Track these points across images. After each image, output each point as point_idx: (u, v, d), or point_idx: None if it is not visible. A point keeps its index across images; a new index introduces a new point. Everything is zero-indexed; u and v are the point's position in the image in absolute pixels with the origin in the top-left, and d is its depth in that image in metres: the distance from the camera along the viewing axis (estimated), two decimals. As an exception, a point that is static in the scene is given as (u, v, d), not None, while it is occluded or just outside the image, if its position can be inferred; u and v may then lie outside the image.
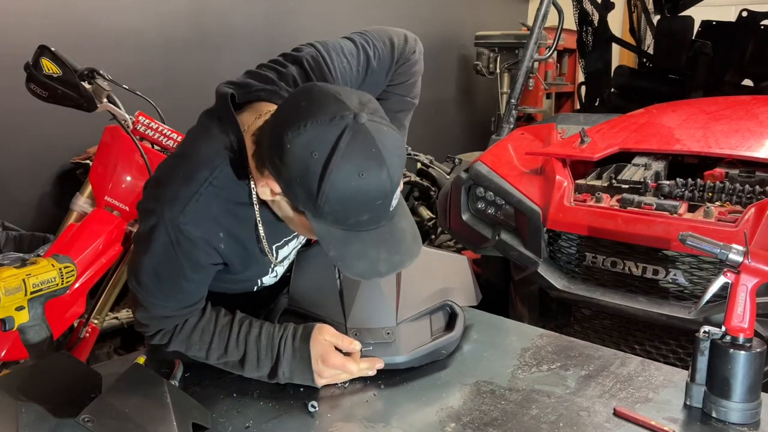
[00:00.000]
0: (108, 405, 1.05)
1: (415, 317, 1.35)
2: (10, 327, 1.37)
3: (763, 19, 3.90)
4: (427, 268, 1.43)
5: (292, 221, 1.19)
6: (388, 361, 1.30)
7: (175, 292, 1.23)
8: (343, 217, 1.07)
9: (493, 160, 2.61)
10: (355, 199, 1.04)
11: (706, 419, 1.15)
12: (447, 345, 1.37)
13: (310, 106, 1.05)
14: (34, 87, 2.20)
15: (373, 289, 1.32)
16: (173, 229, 1.15)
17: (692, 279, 2.07)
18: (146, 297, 1.24)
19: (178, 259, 1.18)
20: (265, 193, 1.14)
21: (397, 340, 1.31)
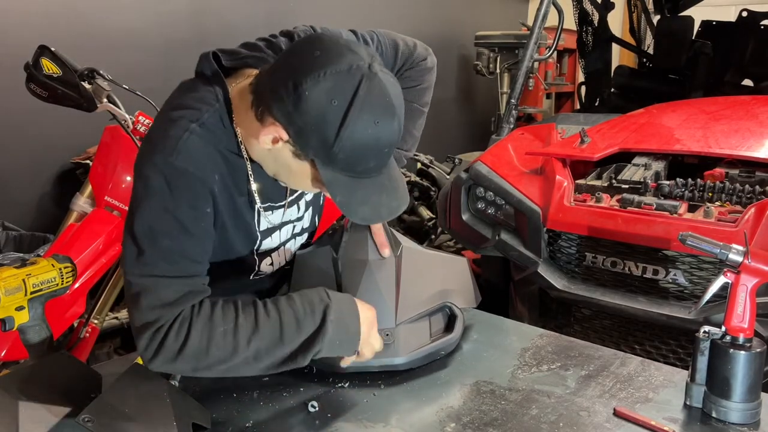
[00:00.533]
0: (108, 405, 1.05)
1: (415, 318, 1.34)
2: (10, 327, 1.37)
3: (763, 19, 3.90)
4: (426, 270, 1.43)
5: (288, 171, 1.19)
6: (388, 363, 1.29)
7: (175, 254, 1.14)
8: (353, 164, 1.10)
9: (493, 160, 2.61)
10: (368, 147, 1.08)
11: (706, 419, 1.15)
12: (446, 346, 1.37)
13: (327, 54, 1.07)
14: (34, 87, 2.20)
15: (373, 291, 1.31)
16: (167, 168, 1.13)
17: (692, 279, 2.07)
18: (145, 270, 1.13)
19: (175, 203, 1.13)
20: (266, 141, 1.13)
21: (396, 341, 1.30)
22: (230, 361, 1.12)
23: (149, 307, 1.12)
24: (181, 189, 1.13)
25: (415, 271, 1.38)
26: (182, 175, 1.13)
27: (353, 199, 1.13)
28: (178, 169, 1.13)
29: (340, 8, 4.66)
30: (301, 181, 1.20)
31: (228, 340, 1.12)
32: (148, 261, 1.13)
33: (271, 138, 1.12)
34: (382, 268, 1.34)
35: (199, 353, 1.11)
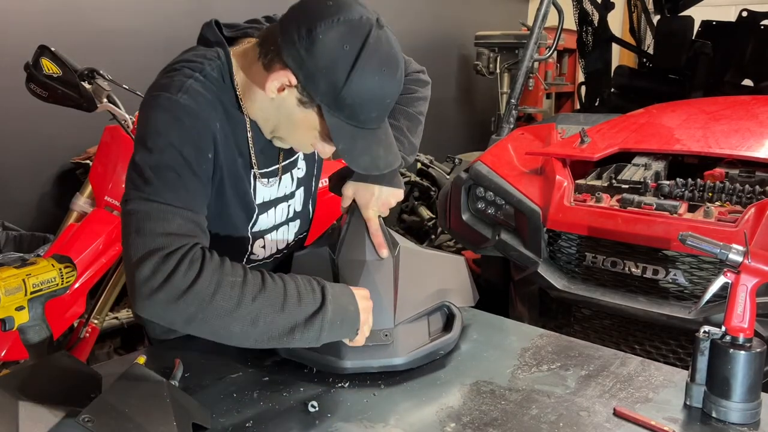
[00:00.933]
0: (108, 405, 1.05)
1: (413, 318, 1.34)
2: (10, 327, 1.37)
3: (763, 19, 3.91)
4: (425, 269, 1.43)
5: (290, 123, 1.21)
6: (387, 363, 1.29)
7: (180, 188, 1.13)
8: (358, 112, 1.14)
9: (493, 160, 2.61)
10: (374, 95, 1.14)
11: (706, 419, 1.15)
12: (445, 346, 1.36)
13: (338, 4, 1.12)
14: (34, 87, 2.21)
15: (371, 291, 1.30)
16: (173, 106, 1.15)
17: (692, 279, 2.07)
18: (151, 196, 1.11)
19: (180, 140, 1.14)
20: (273, 88, 1.16)
21: (395, 342, 1.29)
22: (230, 316, 1.08)
23: (155, 233, 1.09)
24: (187, 128, 1.15)
25: (412, 271, 1.38)
26: (188, 114, 1.15)
27: (355, 147, 1.17)
28: (184, 107, 1.15)
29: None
30: (302, 133, 1.23)
31: (235, 292, 1.09)
32: (153, 190, 1.12)
33: (278, 84, 1.15)
34: (379, 269, 1.34)
35: (204, 298, 1.07)
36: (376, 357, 1.28)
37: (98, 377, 1.19)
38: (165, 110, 1.15)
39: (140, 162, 1.15)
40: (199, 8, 3.71)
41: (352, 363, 1.27)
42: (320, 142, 1.23)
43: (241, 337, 1.12)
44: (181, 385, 1.25)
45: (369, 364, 1.28)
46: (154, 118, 1.16)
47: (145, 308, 1.08)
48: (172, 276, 1.06)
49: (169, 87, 1.17)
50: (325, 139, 1.22)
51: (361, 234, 1.36)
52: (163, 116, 1.15)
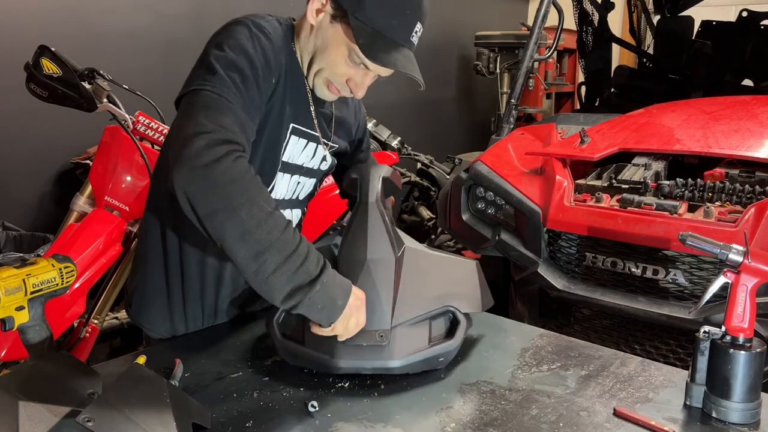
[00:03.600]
0: (108, 405, 1.05)
1: (414, 321, 1.31)
2: (10, 327, 1.37)
3: (763, 19, 3.91)
4: (429, 272, 1.40)
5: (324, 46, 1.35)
6: (381, 366, 1.27)
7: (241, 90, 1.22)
8: (378, 13, 1.27)
9: (493, 160, 2.61)
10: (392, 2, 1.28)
11: (706, 419, 1.15)
12: (445, 353, 1.33)
13: None
14: (34, 87, 2.20)
15: (369, 291, 1.28)
16: (255, 26, 1.30)
17: (692, 279, 2.07)
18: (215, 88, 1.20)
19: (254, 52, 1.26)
20: (312, 13, 1.33)
21: (391, 344, 1.27)
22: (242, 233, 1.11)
23: (211, 120, 1.16)
24: (263, 45, 1.29)
25: (416, 273, 1.36)
26: (266, 36, 1.30)
27: (374, 45, 1.29)
28: (263, 29, 1.30)
29: (340, 8, 4.66)
30: (334, 51, 1.34)
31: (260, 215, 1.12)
32: (217, 83, 1.21)
33: (316, 4, 1.32)
34: (380, 268, 1.32)
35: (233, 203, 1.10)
36: (370, 358, 1.26)
37: (98, 377, 1.19)
38: (246, 26, 1.29)
39: (211, 59, 1.25)
40: (199, 8, 3.71)
41: (346, 363, 1.26)
42: (349, 62, 1.34)
43: (235, 254, 1.13)
44: (181, 385, 1.25)
45: (362, 365, 1.27)
46: (235, 30, 1.28)
47: (182, 178, 1.11)
48: (217, 163, 1.11)
49: (249, 16, 1.32)
50: (353, 58, 1.34)
51: (363, 232, 1.35)
52: (244, 30, 1.28)
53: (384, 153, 3.53)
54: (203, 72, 1.24)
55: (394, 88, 5.43)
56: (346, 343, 1.25)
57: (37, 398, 1.07)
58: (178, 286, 1.48)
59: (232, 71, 1.23)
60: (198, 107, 1.18)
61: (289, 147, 1.44)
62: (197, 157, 1.11)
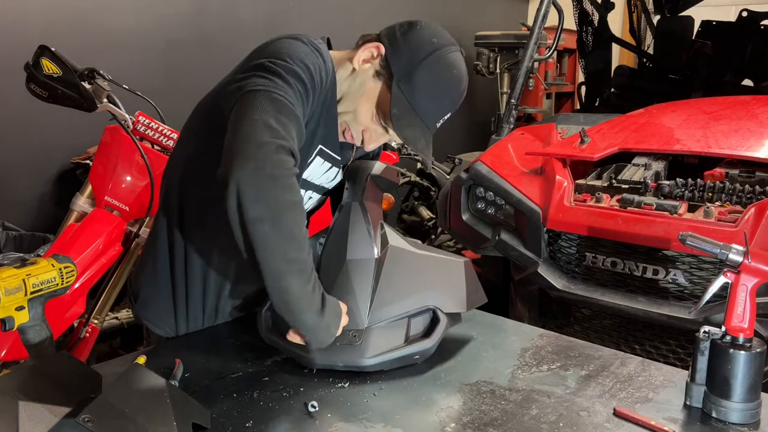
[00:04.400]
0: (108, 405, 1.05)
1: (391, 320, 1.32)
2: (10, 327, 1.37)
3: (763, 19, 3.91)
4: (412, 271, 1.39)
5: (358, 93, 1.37)
6: (352, 363, 1.28)
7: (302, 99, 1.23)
8: (419, 95, 1.32)
9: (493, 160, 2.61)
10: (438, 86, 1.35)
11: (706, 419, 1.15)
12: (421, 352, 1.33)
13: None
14: (34, 87, 2.20)
15: (347, 291, 1.30)
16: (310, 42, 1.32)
17: (692, 279, 2.07)
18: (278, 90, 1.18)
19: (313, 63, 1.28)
20: (360, 57, 1.36)
21: (364, 343, 1.29)
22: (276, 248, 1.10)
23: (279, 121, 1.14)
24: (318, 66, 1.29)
25: (397, 272, 1.36)
26: (321, 56, 1.31)
27: (405, 119, 1.33)
28: (319, 49, 1.32)
29: (341, 9, 4.66)
30: (365, 104, 1.37)
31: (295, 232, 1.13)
32: (283, 88, 1.20)
33: (367, 54, 1.36)
34: (359, 269, 1.33)
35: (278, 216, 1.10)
36: (342, 356, 1.28)
37: (98, 377, 1.19)
38: (303, 43, 1.30)
39: (273, 66, 1.22)
40: (199, 8, 3.71)
41: (321, 360, 1.29)
42: (374, 119, 1.38)
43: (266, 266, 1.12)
44: (181, 385, 1.25)
45: (335, 362, 1.29)
46: (293, 43, 1.29)
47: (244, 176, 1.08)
48: (283, 176, 1.10)
49: (302, 35, 1.33)
50: (379, 118, 1.37)
51: (344, 233, 1.37)
52: (301, 45, 1.30)
53: (384, 153, 3.53)
54: (267, 75, 1.20)
55: (394, 88, 5.41)
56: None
57: (37, 398, 1.07)
58: (182, 285, 1.49)
59: (296, 80, 1.23)
60: (268, 108, 1.15)
61: (312, 166, 1.44)
62: (265, 162, 1.09)
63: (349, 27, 4.87)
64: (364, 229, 1.38)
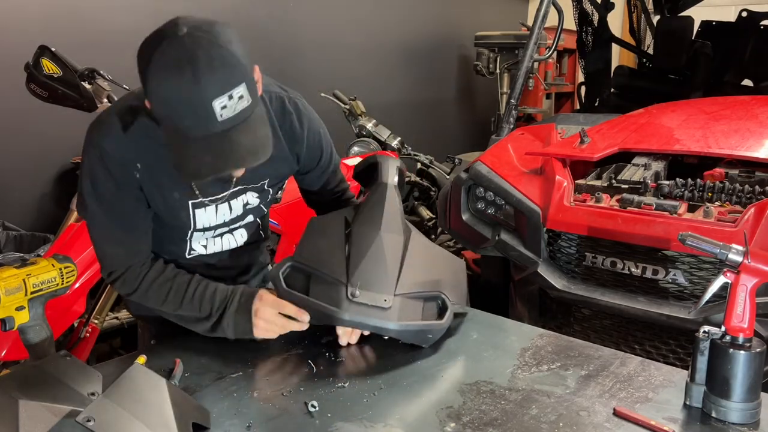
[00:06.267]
0: (108, 405, 1.05)
1: (411, 296, 1.40)
2: (11, 327, 1.37)
3: (763, 19, 3.91)
4: (428, 259, 1.50)
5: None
6: (380, 325, 1.35)
7: (116, 216, 1.38)
8: (173, 121, 1.16)
9: (493, 160, 2.61)
10: (171, 103, 1.14)
11: (705, 419, 1.15)
12: (435, 331, 1.41)
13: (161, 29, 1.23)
14: (35, 87, 2.21)
15: (379, 260, 1.38)
16: (99, 145, 1.34)
17: (692, 279, 2.07)
18: (94, 223, 1.40)
19: (107, 175, 1.34)
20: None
21: (392, 309, 1.36)
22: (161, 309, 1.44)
23: (100, 256, 1.44)
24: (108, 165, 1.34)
25: (417, 257, 1.45)
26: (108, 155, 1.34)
27: (184, 156, 1.19)
28: (104, 149, 1.34)
29: (340, 9, 4.66)
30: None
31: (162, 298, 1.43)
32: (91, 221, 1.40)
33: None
34: (390, 244, 1.42)
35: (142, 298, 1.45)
36: (373, 316, 1.34)
37: (98, 377, 1.19)
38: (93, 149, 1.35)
39: (79, 184, 1.39)
40: (198, 9, 3.71)
41: (350, 316, 1.34)
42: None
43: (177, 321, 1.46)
44: (181, 385, 1.25)
45: (365, 322, 1.35)
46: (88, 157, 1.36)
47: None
48: (114, 285, 1.46)
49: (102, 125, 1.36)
50: None
51: (381, 208, 1.45)
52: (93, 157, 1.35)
53: (384, 153, 3.53)
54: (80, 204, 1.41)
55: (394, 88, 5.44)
56: (352, 299, 1.34)
57: (37, 398, 1.07)
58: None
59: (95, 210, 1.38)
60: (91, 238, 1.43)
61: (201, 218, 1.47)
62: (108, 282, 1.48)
63: (349, 27, 4.88)
64: (397, 209, 1.48)
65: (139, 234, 1.43)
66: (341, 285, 1.35)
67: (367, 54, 4.91)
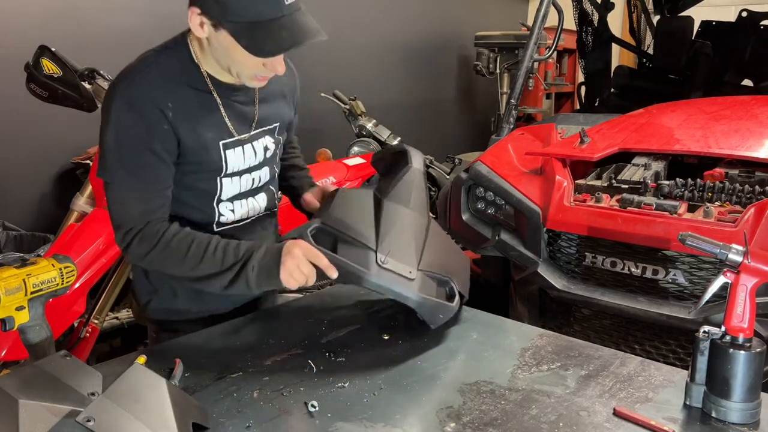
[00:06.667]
0: (108, 405, 1.05)
1: (428, 275, 1.45)
2: (11, 327, 1.37)
3: (763, 19, 3.91)
4: (444, 246, 1.59)
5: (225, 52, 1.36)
6: (404, 293, 1.39)
7: (140, 168, 1.38)
8: (244, 9, 1.27)
9: (493, 160, 2.61)
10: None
11: (705, 419, 1.15)
12: (446, 312, 1.47)
13: None
14: (35, 87, 2.21)
15: (405, 234, 1.44)
16: (128, 91, 1.37)
17: (692, 279, 2.07)
18: (113, 179, 1.39)
19: (135, 119, 1.36)
20: (196, 28, 1.33)
21: (415, 281, 1.41)
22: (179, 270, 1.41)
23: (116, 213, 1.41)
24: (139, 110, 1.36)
25: (435, 242, 1.53)
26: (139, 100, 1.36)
27: (256, 37, 1.30)
28: (135, 94, 1.37)
29: (340, 9, 4.66)
30: (238, 55, 1.35)
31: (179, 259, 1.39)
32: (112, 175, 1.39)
33: (196, 22, 1.32)
34: (416, 222, 1.50)
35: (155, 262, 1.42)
36: (398, 284, 1.38)
37: (98, 377, 1.19)
38: (121, 99, 1.37)
39: (102, 144, 1.39)
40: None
41: (377, 279, 1.37)
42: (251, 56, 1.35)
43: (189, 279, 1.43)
44: (181, 385, 1.26)
45: (390, 287, 1.38)
46: (113, 108, 1.37)
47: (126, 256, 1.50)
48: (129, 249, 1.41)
49: (128, 75, 1.41)
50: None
51: (410, 188, 1.53)
52: (119, 106, 1.36)
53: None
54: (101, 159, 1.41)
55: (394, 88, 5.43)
56: (381, 265, 1.38)
57: (37, 398, 1.07)
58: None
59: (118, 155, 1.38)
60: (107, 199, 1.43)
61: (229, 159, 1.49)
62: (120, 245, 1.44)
63: (349, 27, 4.87)
64: (423, 194, 1.57)
65: (161, 189, 1.42)
66: (370, 250, 1.39)
67: (367, 54, 4.91)
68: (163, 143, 1.38)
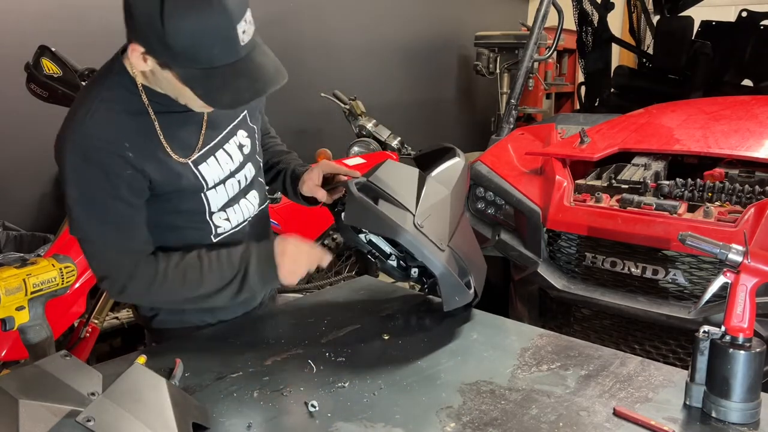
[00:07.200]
0: (108, 405, 1.05)
1: (455, 256, 1.49)
2: (11, 327, 1.37)
3: (762, 19, 3.91)
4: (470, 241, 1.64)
5: (172, 87, 1.24)
6: (432, 258, 1.41)
7: (110, 218, 1.30)
8: (196, 55, 1.15)
9: (493, 160, 2.61)
10: (199, 32, 1.12)
11: (705, 419, 1.15)
12: (462, 297, 1.50)
13: None
14: (35, 87, 2.21)
15: (442, 212, 1.49)
16: (79, 141, 1.27)
17: (692, 279, 2.07)
18: (87, 235, 1.32)
19: (95, 172, 1.27)
20: (138, 63, 1.20)
21: (445, 253, 1.45)
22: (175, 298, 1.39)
23: (95, 266, 1.35)
24: (95, 159, 1.27)
25: (464, 233, 1.58)
26: (93, 147, 1.27)
27: (212, 87, 1.19)
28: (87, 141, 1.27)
29: (340, 9, 4.66)
30: (185, 94, 1.24)
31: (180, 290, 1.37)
32: (82, 231, 1.32)
33: (138, 57, 1.19)
34: (454, 206, 1.53)
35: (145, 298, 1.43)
36: (429, 247, 1.41)
37: (98, 377, 1.19)
38: (74, 150, 1.28)
39: (66, 201, 1.31)
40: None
41: (411, 237, 1.39)
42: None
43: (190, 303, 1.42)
44: (181, 385, 1.25)
45: (421, 248, 1.40)
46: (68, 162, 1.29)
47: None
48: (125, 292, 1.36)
49: (74, 121, 1.30)
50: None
51: (455, 175, 1.57)
52: (74, 159, 1.28)
53: (384, 153, 3.53)
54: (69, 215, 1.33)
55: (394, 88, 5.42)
56: (417, 226, 1.41)
57: (37, 398, 1.07)
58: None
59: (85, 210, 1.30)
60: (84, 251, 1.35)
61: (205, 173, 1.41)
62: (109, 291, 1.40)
63: (349, 27, 4.88)
64: (464, 186, 1.62)
65: (140, 228, 1.35)
66: (408, 212, 1.42)
67: (367, 54, 4.91)
68: (131, 188, 1.30)
